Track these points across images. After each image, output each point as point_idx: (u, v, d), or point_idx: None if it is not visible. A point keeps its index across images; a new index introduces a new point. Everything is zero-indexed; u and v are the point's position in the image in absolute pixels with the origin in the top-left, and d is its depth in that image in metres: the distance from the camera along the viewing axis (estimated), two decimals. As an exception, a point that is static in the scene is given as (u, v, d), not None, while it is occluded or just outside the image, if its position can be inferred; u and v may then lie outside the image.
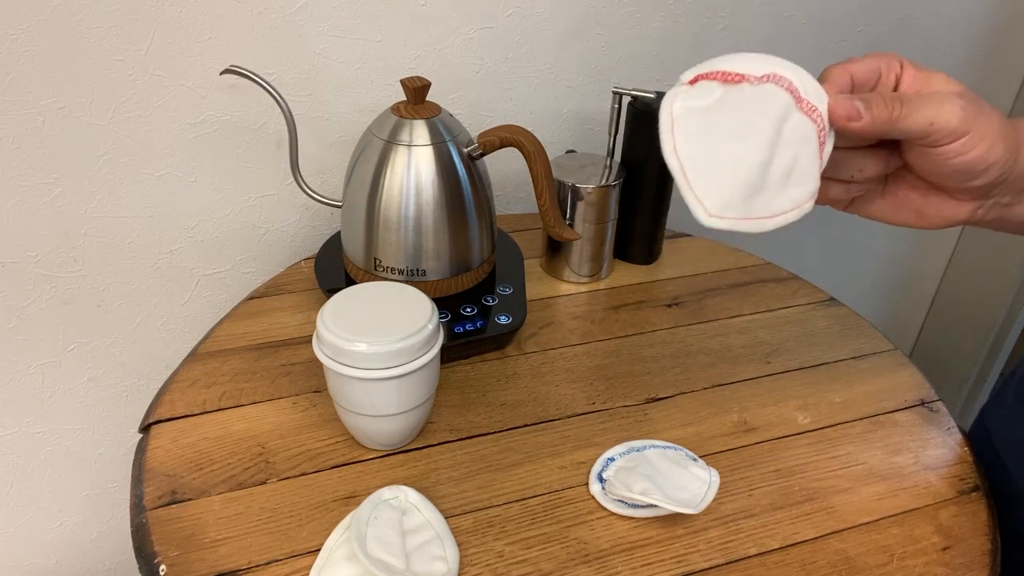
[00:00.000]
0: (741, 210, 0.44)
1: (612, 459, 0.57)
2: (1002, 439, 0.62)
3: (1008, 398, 0.64)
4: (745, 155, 0.43)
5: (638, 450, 0.58)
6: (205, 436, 0.58)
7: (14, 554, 0.97)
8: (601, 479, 0.55)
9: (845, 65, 0.47)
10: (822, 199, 0.48)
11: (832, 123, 0.44)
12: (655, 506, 0.51)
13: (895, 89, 0.48)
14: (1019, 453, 0.60)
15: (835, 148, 0.46)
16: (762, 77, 0.44)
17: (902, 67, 0.47)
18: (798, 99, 0.44)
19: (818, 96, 0.44)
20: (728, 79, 0.44)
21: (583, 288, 0.78)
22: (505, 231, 0.81)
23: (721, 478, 0.56)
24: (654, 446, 0.58)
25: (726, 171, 0.43)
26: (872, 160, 0.49)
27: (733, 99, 0.44)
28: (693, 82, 0.45)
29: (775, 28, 0.96)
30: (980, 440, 0.64)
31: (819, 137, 0.44)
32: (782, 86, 0.44)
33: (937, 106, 0.44)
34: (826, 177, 0.47)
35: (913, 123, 0.44)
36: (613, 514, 0.54)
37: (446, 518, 0.52)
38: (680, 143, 0.43)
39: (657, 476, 0.54)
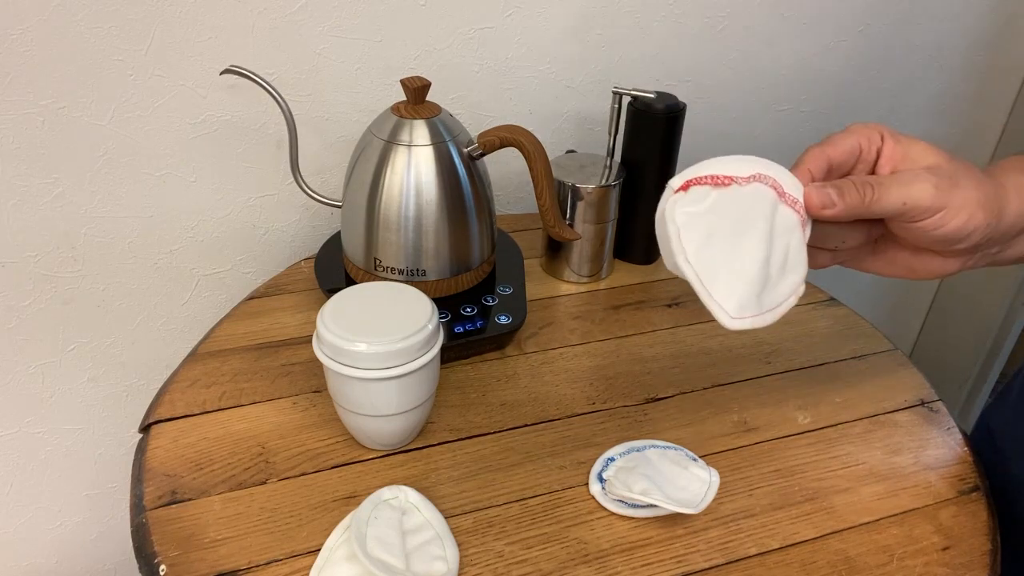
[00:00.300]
0: (755, 307, 0.45)
1: (612, 459, 0.57)
2: (1004, 436, 0.62)
3: (1012, 396, 0.64)
4: (749, 253, 0.45)
5: (638, 450, 0.58)
6: (205, 436, 0.58)
7: (14, 554, 0.97)
8: (601, 479, 0.55)
9: (823, 147, 0.48)
10: (812, 265, 0.50)
11: (808, 212, 0.47)
12: (655, 506, 0.51)
13: (876, 162, 0.49)
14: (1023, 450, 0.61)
15: (820, 222, 0.48)
16: (748, 178, 0.46)
17: (883, 140, 0.49)
18: (781, 193, 0.46)
19: (796, 188, 0.47)
20: (718, 182, 0.46)
21: (583, 288, 0.78)
22: (505, 231, 0.81)
23: (721, 478, 0.55)
24: (654, 446, 0.58)
25: (736, 272, 0.45)
26: (855, 232, 0.51)
27: (726, 201, 0.46)
28: (685, 188, 0.46)
29: (775, 28, 0.96)
30: (982, 439, 0.64)
31: (801, 225, 0.47)
32: (767, 184, 0.46)
33: (908, 186, 0.45)
34: (813, 247, 0.50)
35: (886, 205, 0.45)
36: (613, 514, 0.54)
37: (446, 518, 0.52)
38: (691, 252, 0.45)
39: (657, 476, 0.54)
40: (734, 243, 0.45)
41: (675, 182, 0.47)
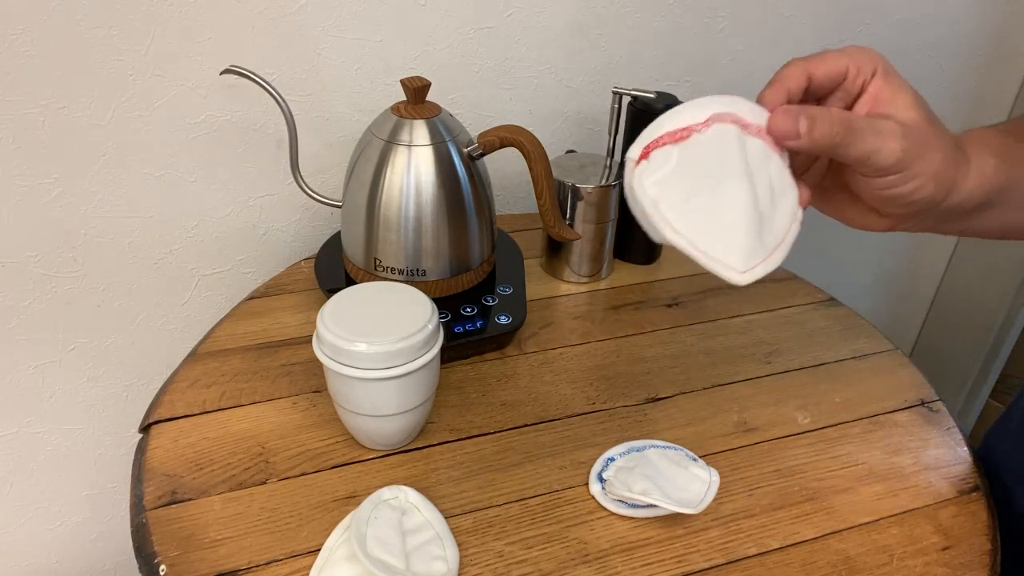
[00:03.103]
0: (761, 250, 0.43)
1: (612, 459, 0.57)
2: (1007, 469, 0.61)
3: (1013, 424, 0.63)
4: (735, 199, 0.43)
5: (638, 450, 0.58)
6: (205, 436, 0.58)
7: (14, 554, 0.97)
8: (601, 479, 0.55)
9: (807, 63, 0.45)
10: None
11: (771, 136, 0.44)
12: (655, 506, 0.51)
13: (859, 94, 0.46)
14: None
15: None
16: (706, 121, 0.43)
17: (874, 73, 0.46)
18: (745, 125, 0.43)
19: (760, 114, 0.44)
20: (677, 138, 0.43)
21: (583, 288, 0.78)
22: (505, 231, 0.81)
23: (721, 478, 0.55)
24: (654, 446, 0.58)
25: (729, 222, 0.43)
26: (800, 157, 0.48)
27: (691, 154, 0.43)
28: (645, 155, 0.44)
29: (775, 28, 0.96)
30: (986, 464, 0.62)
31: (776, 149, 0.44)
32: (727, 121, 0.43)
33: (880, 140, 0.43)
34: None
35: (852, 151, 0.43)
36: (613, 514, 0.54)
37: (446, 518, 0.52)
38: (675, 220, 0.42)
39: (657, 476, 0.54)
40: (716, 194, 0.42)
41: (633, 152, 0.43)
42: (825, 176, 0.50)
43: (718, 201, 0.42)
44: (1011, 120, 0.52)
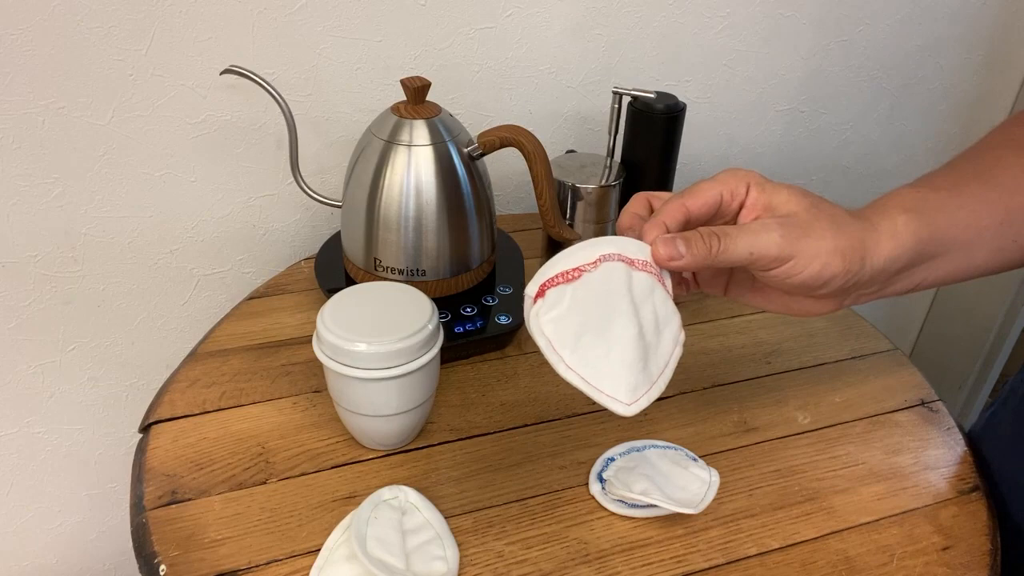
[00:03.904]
0: (646, 381, 0.45)
1: (612, 459, 0.57)
2: (999, 471, 0.60)
3: (1002, 429, 0.62)
4: (621, 335, 0.44)
5: (638, 450, 0.58)
6: (205, 436, 0.58)
7: (14, 554, 0.97)
8: (601, 479, 0.55)
9: (683, 198, 0.48)
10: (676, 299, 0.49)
11: (656, 264, 0.47)
12: (655, 506, 0.51)
13: (739, 212, 0.48)
14: (1017, 486, 0.59)
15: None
16: (595, 262, 0.46)
17: (748, 190, 0.48)
18: (630, 262, 0.46)
19: (644, 251, 0.47)
20: (569, 278, 0.46)
21: (583, 288, 0.78)
22: (505, 231, 0.81)
23: (721, 478, 0.56)
24: (654, 446, 0.58)
25: (616, 360, 0.44)
26: (710, 271, 0.52)
27: (583, 293, 0.45)
28: (541, 294, 0.46)
29: (775, 28, 0.96)
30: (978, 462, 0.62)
31: (659, 280, 0.47)
32: (614, 260, 0.46)
33: (754, 237, 0.45)
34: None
35: (733, 255, 0.45)
36: (613, 514, 0.54)
37: (446, 518, 0.52)
38: (569, 358, 0.44)
39: (657, 476, 0.54)
40: (604, 332, 0.45)
41: (530, 290, 0.46)
42: (756, 280, 0.51)
43: (606, 338, 0.44)
44: (927, 174, 0.53)
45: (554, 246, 0.78)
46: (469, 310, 0.68)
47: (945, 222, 0.49)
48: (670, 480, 0.54)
